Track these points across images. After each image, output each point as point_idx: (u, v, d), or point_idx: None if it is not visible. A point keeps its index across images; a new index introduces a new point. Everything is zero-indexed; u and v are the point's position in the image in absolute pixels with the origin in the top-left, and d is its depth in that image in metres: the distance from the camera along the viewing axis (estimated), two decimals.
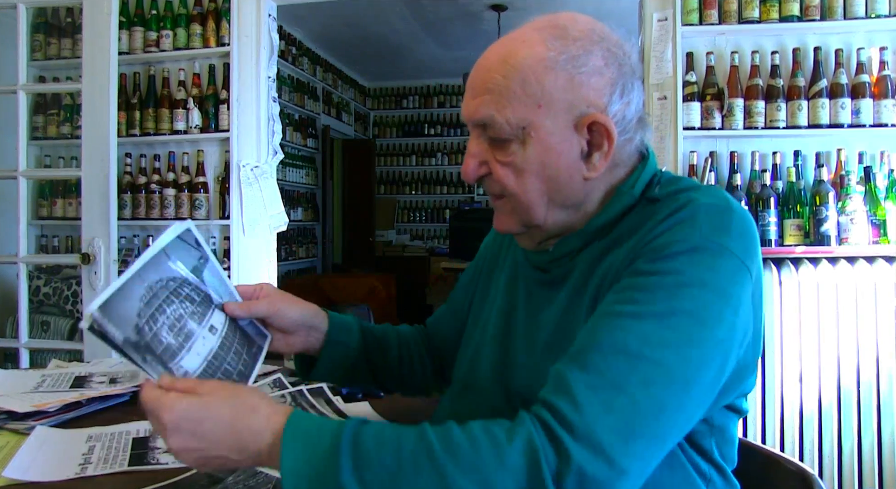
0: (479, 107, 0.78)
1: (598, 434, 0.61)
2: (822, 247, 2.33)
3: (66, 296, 2.86)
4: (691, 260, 0.69)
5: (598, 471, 0.60)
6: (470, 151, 0.81)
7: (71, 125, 3.02)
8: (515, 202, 0.81)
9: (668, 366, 0.65)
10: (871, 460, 2.22)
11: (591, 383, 0.64)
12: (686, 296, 0.68)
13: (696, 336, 0.67)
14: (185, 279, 0.81)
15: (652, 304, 0.67)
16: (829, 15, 2.42)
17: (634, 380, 0.64)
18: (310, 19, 5.45)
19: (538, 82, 0.76)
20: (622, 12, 5.18)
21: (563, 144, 0.77)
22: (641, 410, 0.63)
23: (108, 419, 1.15)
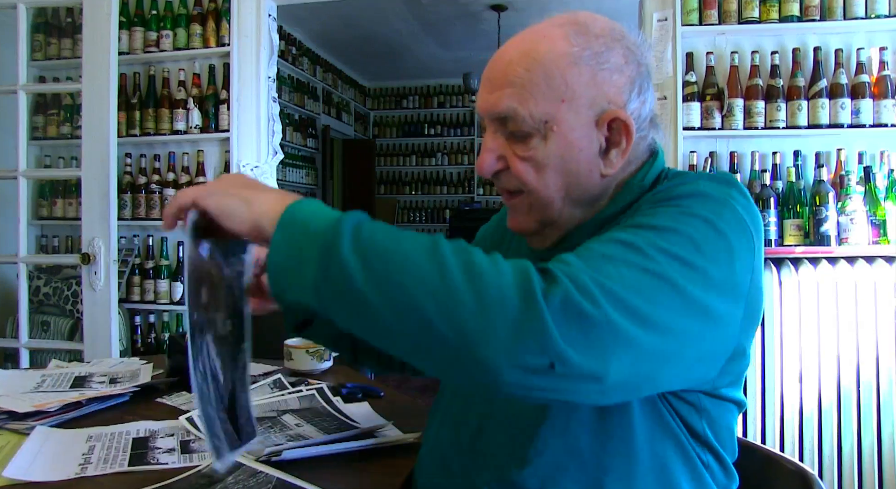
0: (501, 100, 0.77)
1: (584, 278, 0.60)
2: (822, 247, 2.33)
3: (66, 296, 2.86)
4: (694, 199, 0.70)
5: (584, 304, 0.58)
6: (487, 146, 0.79)
7: (71, 125, 3.02)
8: (534, 198, 0.79)
9: (659, 264, 0.63)
10: (871, 459, 2.23)
11: (580, 254, 0.64)
12: (688, 223, 0.67)
13: (689, 257, 0.65)
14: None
15: (652, 221, 0.68)
16: (828, 15, 2.42)
17: (623, 258, 0.63)
18: (310, 19, 5.45)
19: (562, 77, 0.75)
20: (622, 12, 5.18)
21: (583, 140, 0.77)
22: (626, 280, 0.61)
23: (108, 419, 1.15)
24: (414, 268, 0.59)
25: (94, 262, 2.52)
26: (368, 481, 0.90)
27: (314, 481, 0.84)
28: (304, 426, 1.10)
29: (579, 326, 0.58)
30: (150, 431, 1.08)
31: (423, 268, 0.59)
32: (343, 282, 0.59)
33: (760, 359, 2.30)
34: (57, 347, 2.73)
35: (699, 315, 0.65)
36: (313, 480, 0.84)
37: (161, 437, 1.05)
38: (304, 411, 1.18)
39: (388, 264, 0.59)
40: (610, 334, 0.59)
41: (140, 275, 2.91)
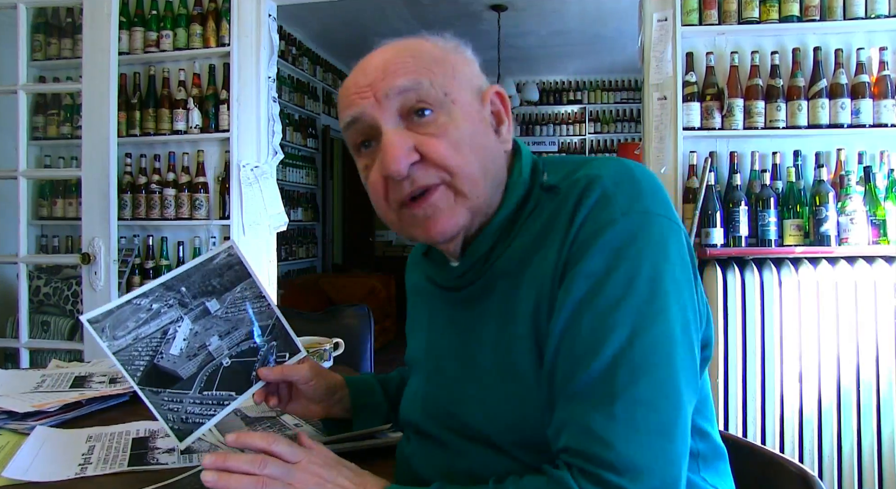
0: (394, 79, 0.73)
1: (638, 459, 0.62)
2: (822, 247, 2.33)
3: (66, 296, 2.86)
4: (624, 242, 0.67)
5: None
6: (390, 141, 0.72)
7: (71, 125, 3.02)
8: (459, 181, 0.73)
9: (661, 356, 0.65)
10: (871, 459, 2.23)
11: (608, 414, 0.64)
12: (639, 282, 0.66)
13: (667, 312, 0.66)
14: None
15: (614, 309, 0.66)
16: (828, 15, 2.42)
17: (643, 388, 0.64)
18: (310, 19, 5.45)
19: (445, 59, 0.76)
20: (622, 12, 5.20)
21: (478, 114, 0.77)
22: (663, 411, 0.64)
23: (107, 419, 1.15)
24: None
25: (95, 262, 2.52)
26: None
27: None
28: (304, 426, 1.10)
29: None
30: (149, 431, 1.08)
31: None
32: None
33: (760, 358, 2.30)
34: (57, 347, 2.73)
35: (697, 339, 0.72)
36: None
37: (161, 438, 1.05)
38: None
39: None
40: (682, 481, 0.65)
41: (140, 275, 2.91)
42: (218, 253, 0.91)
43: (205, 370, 0.88)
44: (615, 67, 6.88)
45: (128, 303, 0.87)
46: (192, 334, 0.89)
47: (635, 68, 3.23)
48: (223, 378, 0.89)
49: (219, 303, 0.91)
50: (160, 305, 0.88)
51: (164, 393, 0.86)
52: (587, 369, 0.65)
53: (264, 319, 0.94)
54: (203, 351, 0.89)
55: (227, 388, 0.90)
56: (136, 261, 2.93)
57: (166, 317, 0.88)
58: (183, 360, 0.87)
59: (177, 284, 0.89)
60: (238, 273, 0.92)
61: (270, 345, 0.93)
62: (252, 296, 0.93)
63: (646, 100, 2.57)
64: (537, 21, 5.49)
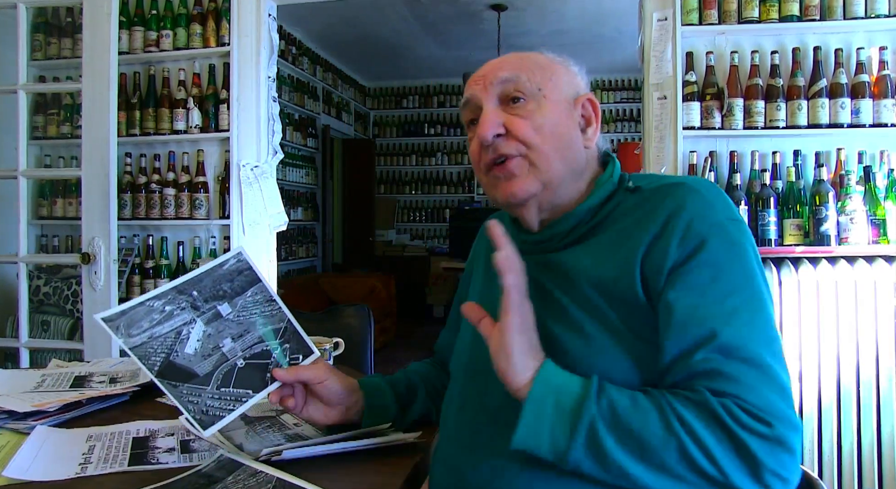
0: (502, 70, 0.92)
1: (773, 407, 0.74)
2: (822, 246, 2.33)
3: (66, 295, 2.86)
4: (735, 241, 0.82)
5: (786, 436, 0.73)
6: (486, 116, 0.91)
7: (71, 125, 3.02)
8: (535, 155, 0.90)
9: (770, 331, 0.81)
10: (871, 459, 2.23)
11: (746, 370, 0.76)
12: (754, 275, 0.82)
13: (767, 302, 0.83)
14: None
15: (736, 295, 0.80)
16: (828, 15, 2.42)
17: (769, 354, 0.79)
18: (310, 19, 5.45)
19: (548, 67, 0.95)
20: (622, 12, 5.20)
21: (567, 112, 0.93)
22: (780, 376, 0.78)
23: (108, 419, 1.15)
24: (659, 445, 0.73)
25: (94, 262, 2.52)
26: (368, 481, 0.90)
27: (314, 481, 0.84)
28: (304, 425, 1.10)
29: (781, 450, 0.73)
30: (150, 431, 1.08)
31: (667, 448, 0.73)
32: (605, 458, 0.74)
33: None
34: (57, 347, 2.73)
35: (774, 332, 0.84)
36: (313, 480, 0.84)
37: (161, 437, 1.05)
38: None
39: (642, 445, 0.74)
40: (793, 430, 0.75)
41: (140, 274, 2.91)
42: (227, 259, 0.94)
43: (220, 369, 0.90)
44: (615, 67, 6.88)
45: (141, 305, 0.88)
46: (206, 336, 0.90)
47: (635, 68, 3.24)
48: (239, 377, 0.91)
49: (230, 307, 0.93)
50: (173, 308, 0.89)
51: (182, 386, 0.88)
52: (721, 343, 0.77)
53: (276, 322, 0.95)
54: (217, 352, 0.91)
55: (243, 387, 0.91)
56: (136, 260, 2.93)
57: (179, 319, 0.90)
58: (198, 359, 0.89)
59: (188, 288, 0.91)
60: (248, 278, 0.94)
61: (283, 348, 0.94)
62: (263, 300, 0.95)
63: (646, 99, 2.57)
64: (537, 21, 5.49)
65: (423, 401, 1.11)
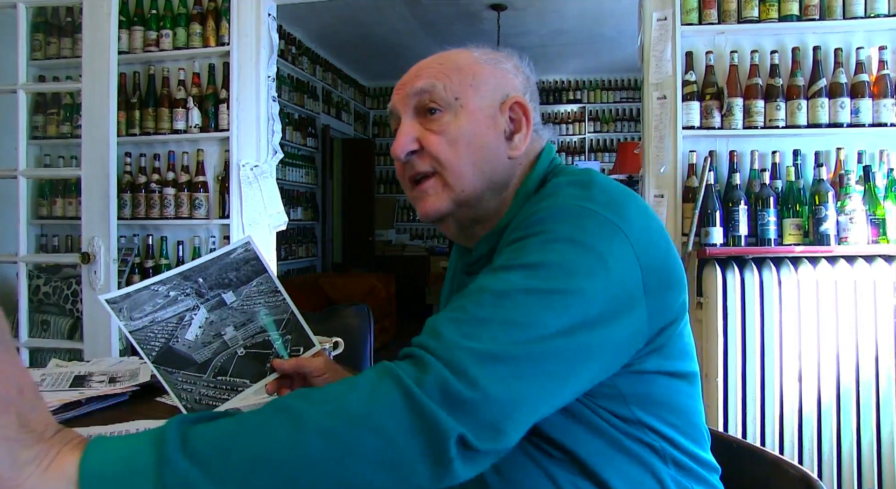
0: (419, 80, 0.87)
1: (457, 356, 0.62)
2: (822, 246, 2.33)
3: (65, 295, 2.86)
4: (555, 219, 0.72)
5: (461, 388, 0.60)
6: (402, 130, 0.87)
7: (71, 124, 3.02)
8: (448, 173, 0.85)
9: (530, 310, 0.65)
10: (871, 458, 2.23)
11: (453, 318, 0.66)
12: (553, 250, 0.70)
13: (563, 285, 0.67)
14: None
15: (520, 258, 0.70)
16: (828, 14, 2.43)
17: (497, 318, 0.65)
18: (310, 19, 5.45)
19: (469, 68, 0.88)
20: (622, 12, 5.20)
21: (489, 120, 0.87)
22: (501, 343, 0.63)
23: (107, 418, 1.15)
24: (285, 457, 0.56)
25: (94, 262, 2.52)
26: None
27: None
28: None
29: (464, 412, 0.60)
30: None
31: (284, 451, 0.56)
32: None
33: (760, 357, 2.30)
34: (57, 346, 2.73)
35: (590, 335, 0.67)
36: None
37: None
38: None
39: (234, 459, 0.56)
40: (496, 409, 0.61)
41: (140, 274, 2.91)
42: (235, 247, 0.94)
43: (219, 357, 0.91)
44: (615, 67, 6.88)
45: (145, 289, 0.88)
46: (208, 323, 0.91)
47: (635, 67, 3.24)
48: (237, 366, 0.92)
49: (235, 296, 0.93)
50: (177, 293, 0.90)
51: (178, 373, 0.89)
52: (466, 292, 0.70)
53: (279, 313, 0.96)
54: (218, 339, 0.91)
55: (240, 376, 0.92)
56: (136, 260, 2.93)
57: (182, 305, 0.90)
58: (198, 346, 0.90)
59: (194, 275, 0.91)
60: (254, 268, 0.95)
61: (285, 339, 0.95)
62: (268, 291, 0.95)
63: (645, 99, 2.57)
64: (537, 20, 5.49)
65: None
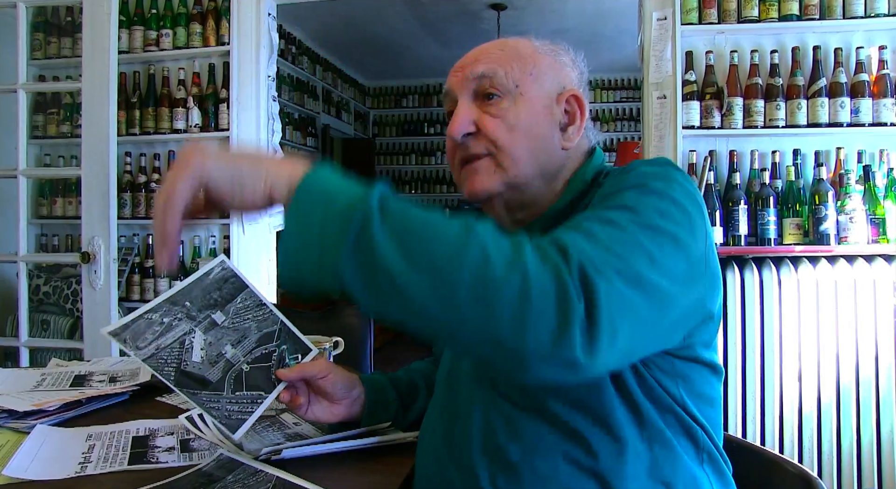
0: (479, 64, 0.87)
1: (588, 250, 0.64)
2: (822, 246, 2.33)
3: (65, 294, 2.86)
4: (649, 177, 0.76)
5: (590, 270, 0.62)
6: (459, 112, 0.87)
7: (71, 124, 3.02)
8: (503, 156, 0.86)
9: (637, 236, 0.68)
10: (870, 457, 2.23)
11: (573, 231, 0.68)
12: (648, 198, 0.73)
13: (662, 226, 0.71)
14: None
15: (619, 200, 0.73)
16: (828, 14, 2.43)
17: (612, 236, 0.67)
18: (310, 19, 5.45)
19: (530, 58, 0.89)
20: (622, 12, 5.20)
21: (546, 110, 0.88)
22: (618, 250, 0.66)
23: (108, 418, 1.15)
24: (449, 250, 0.60)
25: (94, 261, 2.52)
26: (368, 481, 0.90)
27: (314, 480, 0.84)
28: (303, 425, 1.10)
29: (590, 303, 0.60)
30: (149, 430, 1.08)
31: (459, 253, 0.60)
32: (376, 263, 0.59)
33: (760, 357, 2.30)
34: (57, 346, 2.73)
35: (677, 278, 0.69)
36: (313, 479, 0.84)
37: (161, 436, 1.05)
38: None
39: (424, 244, 0.60)
40: (619, 304, 0.62)
41: (140, 273, 2.91)
42: (212, 268, 0.95)
43: (229, 375, 0.91)
44: (614, 66, 6.88)
45: (140, 318, 0.89)
46: (208, 344, 0.92)
47: (635, 67, 3.24)
48: (248, 380, 0.92)
49: (224, 315, 0.93)
50: (170, 319, 0.91)
51: (201, 394, 0.89)
52: (577, 220, 0.72)
53: (270, 325, 0.96)
54: (222, 358, 0.92)
55: (257, 389, 0.93)
56: (136, 260, 2.93)
57: (179, 330, 0.91)
58: (207, 367, 0.90)
59: (180, 299, 0.92)
60: (235, 285, 0.95)
61: (281, 349, 0.95)
62: (253, 305, 0.96)
63: (645, 99, 2.57)
64: (537, 20, 5.48)
65: (424, 400, 1.10)
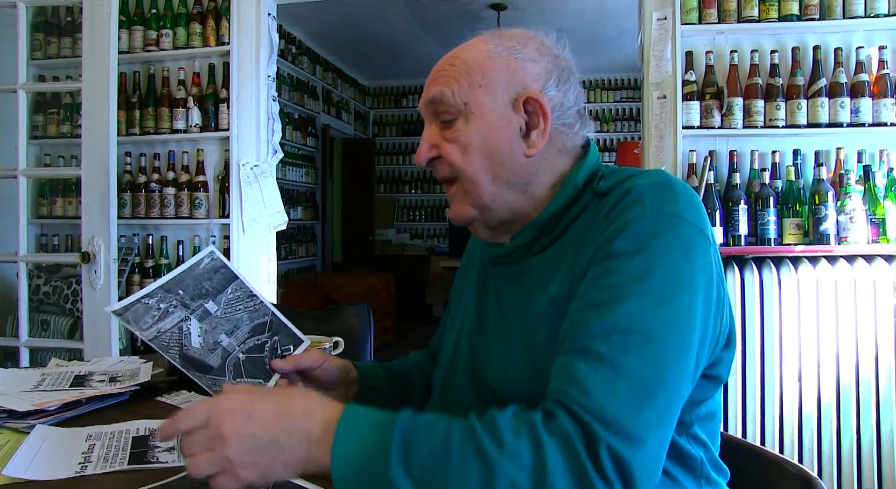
0: (431, 87, 0.87)
1: (611, 413, 0.64)
2: (822, 246, 2.33)
3: (65, 294, 2.86)
4: (651, 233, 0.73)
5: (621, 447, 0.63)
6: (423, 137, 0.88)
7: (71, 124, 3.02)
8: (464, 180, 0.86)
9: (658, 335, 0.69)
10: (871, 457, 2.23)
11: (592, 367, 0.67)
12: (657, 268, 0.71)
13: (677, 301, 0.71)
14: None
15: (628, 285, 0.71)
16: (828, 14, 2.42)
17: (632, 356, 0.67)
18: (310, 19, 5.45)
19: (479, 67, 0.85)
20: (622, 12, 5.20)
21: (501, 120, 0.84)
22: (644, 383, 0.66)
23: (107, 418, 1.15)
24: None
25: (94, 261, 2.52)
26: None
27: (314, 480, 0.84)
28: None
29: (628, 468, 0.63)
30: (149, 430, 1.08)
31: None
32: None
33: (760, 358, 2.30)
34: (57, 346, 2.73)
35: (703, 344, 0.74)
36: (313, 480, 0.84)
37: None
38: None
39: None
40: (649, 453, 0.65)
41: (140, 273, 2.91)
42: (202, 258, 0.96)
43: (228, 362, 0.92)
44: (614, 66, 6.88)
45: (137, 302, 0.89)
46: (204, 332, 0.92)
47: (635, 67, 3.24)
48: (246, 369, 0.94)
49: (216, 305, 0.93)
50: (166, 305, 0.91)
51: (206, 377, 0.90)
52: (588, 329, 0.70)
53: (261, 316, 0.96)
54: (218, 346, 0.93)
55: (255, 377, 0.94)
56: (136, 259, 2.93)
57: (176, 316, 0.92)
58: (206, 353, 0.91)
59: (174, 287, 0.92)
60: (225, 275, 0.96)
61: (274, 341, 0.95)
62: (244, 296, 0.96)
63: (645, 99, 2.57)
64: (537, 20, 5.47)
65: (420, 392, 1.10)
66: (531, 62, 0.85)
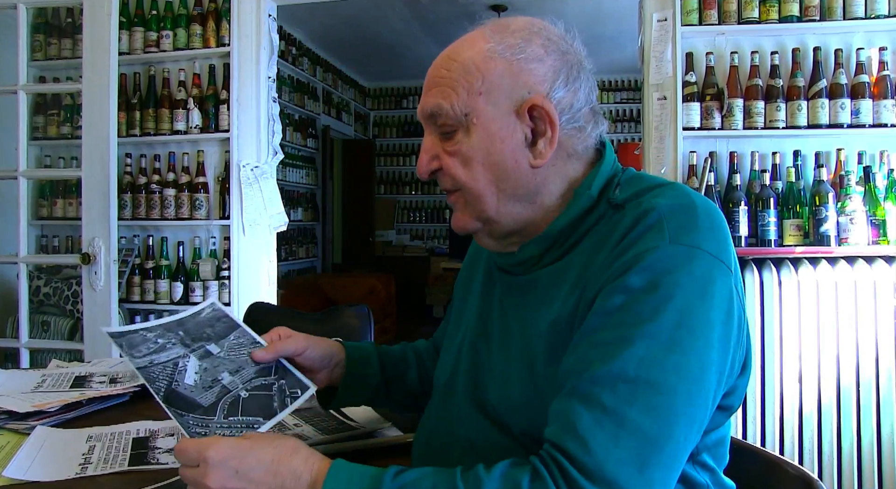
0: (428, 97, 0.81)
1: (610, 471, 0.62)
2: (822, 247, 2.33)
3: (66, 296, 2.86)
4: (666, 269, 0.68)
5: None
6: (424, 147, 0.83)
7: (71, 125, 3.02)
8: (466, 193, 0.81)
9: (668, 385, 0.65)
10: (871, 458, 2.23)
11: (595, 419, 0.64)
12: (670, 309, 0.67)
13: (689, 345, 0.66)
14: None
15: (638, 325, 0.66)
16: (828, 15, 2.42)
17: (638, 408, 0.64)
18: (310, 19, 5.45)
19: (478, 71, 0.78)
20: (622, 12, 5.20)
21: (504, 130, 0.78)
22: (650, 437, 0.63)
23: (108, 419, 1.15)
24: None
25: (95, 262, 2.52)
26: None
27: None
28: (304, 426, 1.10)
29: None
30: (150, 431, 1.08)
31: None
32: None
33: (760, 358, 2.30)
34: (57, 347, 2.73)
35: (718, 388, 0.70)
36: None
37: (161, 437, 1.05)
38: (303, 411, 1.18)
39: None
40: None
41: (140, 275, 2.91)
42: (203, 308, 0.95)
43: (224, 400, 0.87)
44: (615, 67, 6.88)
45: (136, 332, 0.88)
46: (203, 370, 0.89)
47: (635, 68, 3.24)
48: (245, 406, 0.88)
49: (218, 347, 0.92)
50: (165, 341, 0.90)
51: (188, 416, 0.84)
52: (593, 373, 0.66)
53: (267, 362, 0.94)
54: (217, 384, 0.88)
55: (254, 415, 0.87)
56: (136, 261, 2.93)
57: (173, 353, 0.90)
58: (200, 390, 0.87)
59: (175, 328, 0.91)
60: (227, 324, 0.95)
61: (281, 383, 0.91)
62: (248, 343, 0.94)
63: (645, 100, 2.57)
64: None
65: (414, 379, 1.08)
66: (536, 62, 0.78)
